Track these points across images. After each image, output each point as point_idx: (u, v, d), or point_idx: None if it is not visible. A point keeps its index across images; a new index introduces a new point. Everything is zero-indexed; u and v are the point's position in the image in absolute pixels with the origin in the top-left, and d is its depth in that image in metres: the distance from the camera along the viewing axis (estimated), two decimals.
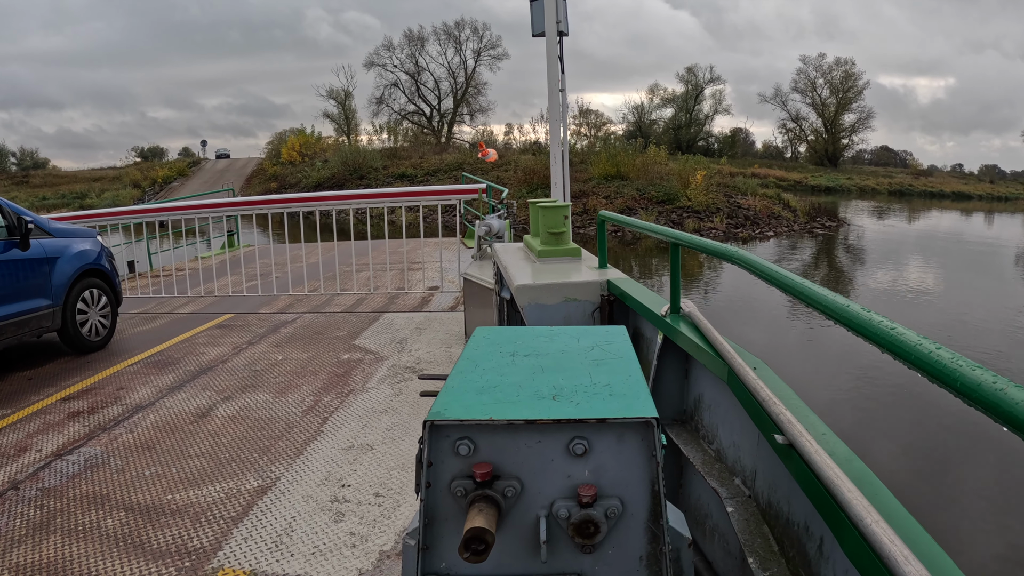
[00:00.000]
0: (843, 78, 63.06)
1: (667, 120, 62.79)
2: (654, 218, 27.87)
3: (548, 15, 7.06)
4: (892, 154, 75.39)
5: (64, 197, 47.81)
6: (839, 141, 65.29)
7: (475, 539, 1.29)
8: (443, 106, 64.34)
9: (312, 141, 54.35)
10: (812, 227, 30.04)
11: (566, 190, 7.29)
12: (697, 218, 28.49)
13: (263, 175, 51.08)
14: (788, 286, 1.78)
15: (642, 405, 1.45)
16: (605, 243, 4.43)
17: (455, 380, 1.64)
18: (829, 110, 64.00)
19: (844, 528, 1.41)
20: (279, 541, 3.16)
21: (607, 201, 29.77)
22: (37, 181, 55.62)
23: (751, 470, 2.22)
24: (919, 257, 24.40)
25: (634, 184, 31.57)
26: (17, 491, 3.74)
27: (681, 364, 2.96)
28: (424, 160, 44.38)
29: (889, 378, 9.32)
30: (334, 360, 6.08)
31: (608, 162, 33.55)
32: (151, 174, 54.54)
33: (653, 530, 1.43)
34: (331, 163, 44.83)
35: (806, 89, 64.86)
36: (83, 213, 11.45)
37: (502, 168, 37.64)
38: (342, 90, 63.86)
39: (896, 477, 6.69)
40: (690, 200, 29.37)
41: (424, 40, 62.68)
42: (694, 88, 61.71)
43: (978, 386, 1.02)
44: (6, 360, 6.40)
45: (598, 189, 31.43)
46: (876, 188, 53.89)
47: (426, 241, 12.31)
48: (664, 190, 30.31)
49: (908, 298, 16.45)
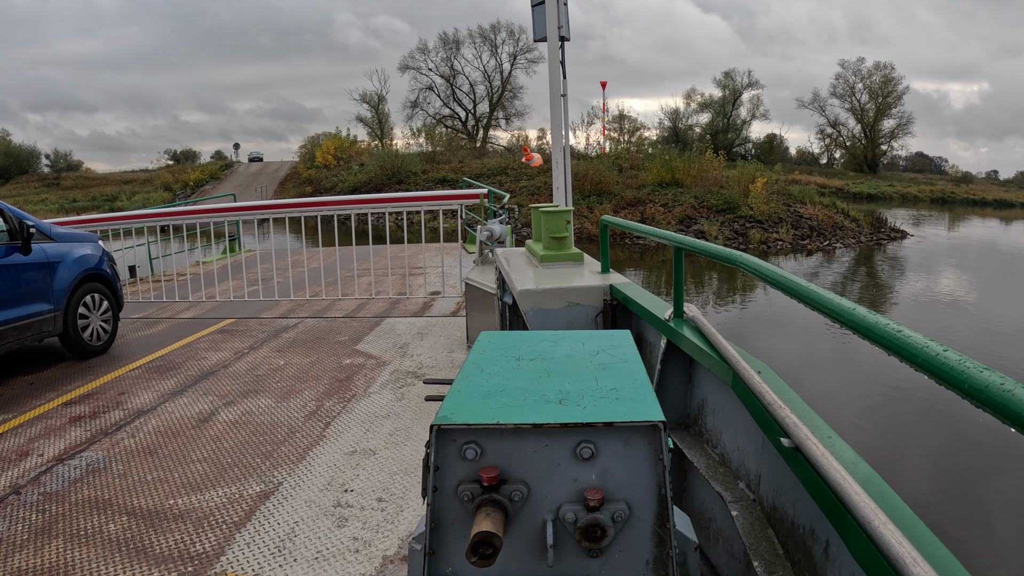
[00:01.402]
0: (882, 83, 61.54)
1: (704, 125, 61.35)
2: (717, 228, 26.56)
3: (550, 20, 7.08)
4: (927, 160, 73.54)
5: (94, 199, 47.61)
6: (878, 147, 63.74)
7: (482, 543, 1.28)
8: (478, 110, 63.20)
9: (347, 144, 53.71)
10: (878, 238, 28.17)
11: (567, 195, 7.30)
12: (761, 228, 26.88)
13: (297, 179, 50.43)
14: (794, 290, 1.78)
15: (649, 409, 1.45)
16: (608, 247, 4.44)
17: (461, 384, 1.64)
18: (868, 115, 62.49)
19: (851, 531, 1.40)
20: (282, 546, 3.15)
21: (665, 209, 28.57)
22: (68, 183, 55.40)
23: (755, 474, 2.22)
24: (1009, 269, 23.14)
25: (691, 192, 30.22)
26: (19, 495, 3.74)
27: (684, 368, 2.96)
28: (464, 164, 43.19)
29: (893, 381, 9.31)
30: (336, 365, 6.08)
31: (663, 168, 32.32)
32: (183, 177, 54.08)
33: (660, 534, 1.43)
34: (368, 167, 44.07)
35: (845, 94, 63.40)
36: (84, 218, 11.45)
37: (548, 173, 36.72)
38: (375, 94, 63.26)
39: (900, 478, 6.64)
40: (752, 209, 27.82)
41: (459, 43, 61.69)
42: (732, 93, 60.41)
43: (986, 387, 1.02)
44: (7, 365, 6.40)
45: (654, 197, 30.19)
46: (918, 195, 52.11)
47: (427, 246, 12.32)
48: (724, 198, 28.87)
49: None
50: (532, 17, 7.31)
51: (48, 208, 44.75)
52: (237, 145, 73.58)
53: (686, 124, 60.98)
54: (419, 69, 61.47)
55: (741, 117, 61.47)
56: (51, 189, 53.06)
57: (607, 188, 31.77)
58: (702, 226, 26.87)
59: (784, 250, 25.25)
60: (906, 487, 6.62)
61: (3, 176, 56.31)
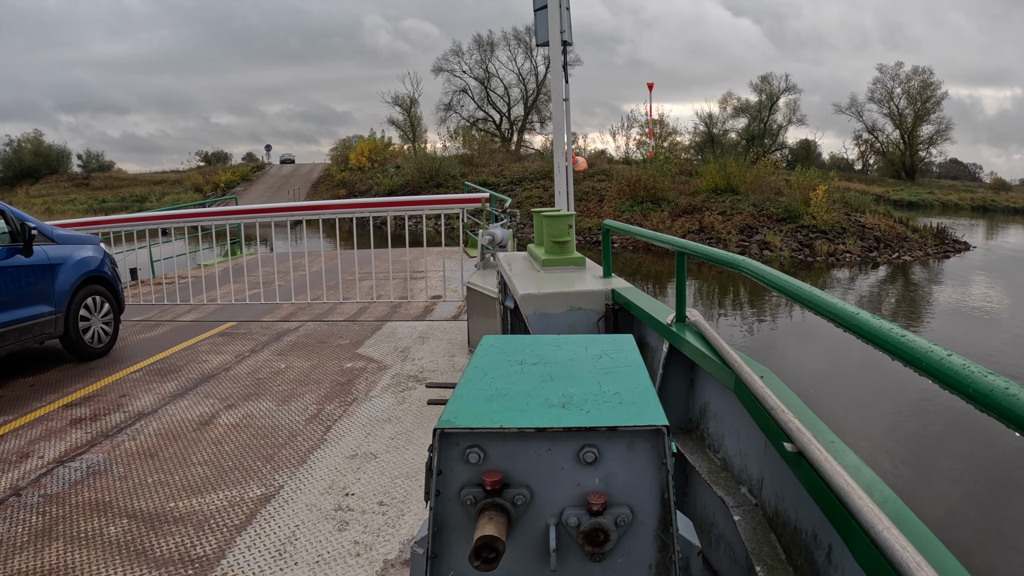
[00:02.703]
0: (920, 88, 59.72)
1: (740, 130, 59.33)
2: (780, 239, 25.03)
3: (552, 25, 7.10)
4: (962, 167, 71.68)
5: (124, 200, 47.21)
6: (916, 153, 61.84)
7: (486, 547, 1.28)
8: (513, 113, 61.84)
9: (381, 147, 52.82)
10: (944, 249, 26.23)
11: (570, 199, 7.30)
12: (826, 239, 25.08)
13: (330, 181, 49.54)
14: (797, 295, 1.78)
15: (652, 413, 1.45)
16: (610, 252, 4.44)
17: (464, 388, 1.64)
18: (906, 121, 60.73)
19: (855, 535, 1.40)
20: (283, 549, 3.15)
21: (723, 218, 27.09)
22: (98, 183, 55.02)
23: (758, 478, 2.21)
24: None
25: (748, 199, 28.52)
26: (19, 497, 3.73)
27: (686, 373, 2.96)
28: (504, 168, 41.95)
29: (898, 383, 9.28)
30: (337, 369, 6.08)
31: (719, 174, 30.59)
32: (214, 178, 53.36)
33: (663, 538, 1.42)
34: (404, 170, 43.25)
35: (883, 99, 61.53)
36: (87, 220, 11.46)
37: (594, 177, 35.27)
38: (407, 96, 62.13)
39: (922, 494, 6.57)
40: (815, 219, 26.14)
41: (494, 45, 60.64)
42: (768, 97, 58.53)
43: (990, 392, 1.01)
44: (8, 366, 6.40)
45: (711, 204, 28.59)
46: (959, 203, 49.91)
47: (429, 250, 12.32)
48: (783, 207, 27.11)
49: None
50: (535, 21, 7.33)
51: (76, 208, 44.43)
52: (269, 147, 73.55)
53: (722, 129, 59.64)
54: (452, 71, 60.56)
55: (777, 122, 59.59)
56: (80, 189, 52.60)
57: (661, 194, 30.35)
58: (764, 236, 25.48)
59: (852, 263, 23.74)
60: (929, 505, 6.40)
61: (33, 176, 55.94)
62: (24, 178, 55.09)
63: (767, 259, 23.35)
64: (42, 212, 40.97)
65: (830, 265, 23.30)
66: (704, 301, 17.34)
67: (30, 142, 58.99)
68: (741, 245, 25.06)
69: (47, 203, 45.98)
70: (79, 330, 6.42)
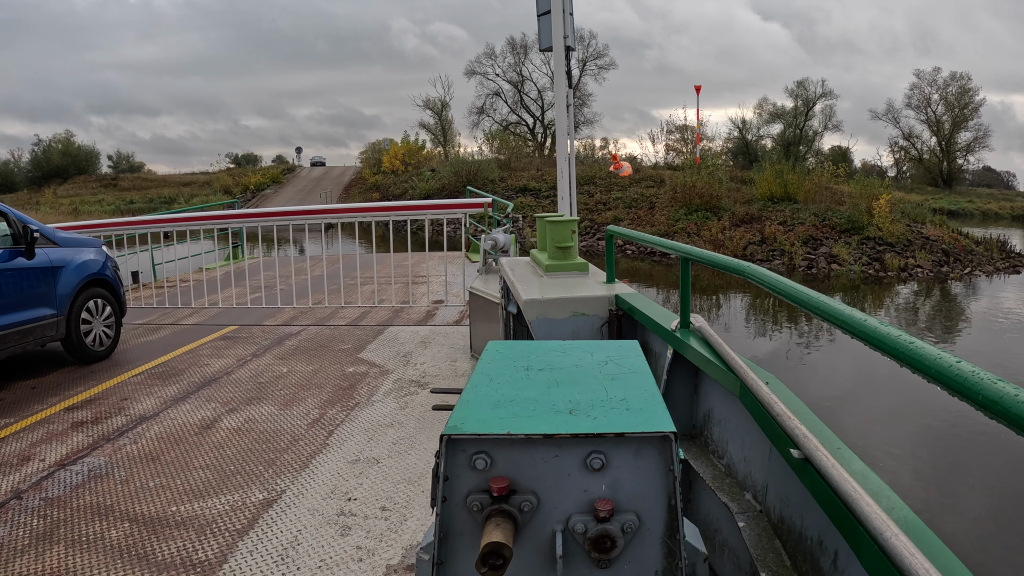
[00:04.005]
0: (958, 94, 57.78)
1: (776, 136, 57.48)
2: (848, 252, 23.41)
3: (556, 30, 7.11)
4: (995, 175, 69.31)
5: (152, 201, 46.76)
6: (954, 161, 59.86)
7: (493, 554, 1.28)
8: (546, 117, 60.06)
9: (415, 149, 51.88)
10: (1013, 264, 24.33)
11: (573, 204, 7.31)
12: (895, 253, 23.27)
13: (363, 184, 48.48)
14: (804, 301, 1.77)
15: (659, 419, 1.45)
16: (613, 257, 4.44)
17: (470, 394, 1.63)
18: (944, 128, 58.80)
19: (862, 542, 1.40)
20: (285, 554, 3.14)
21: (784, 228, 25.65)
22: (126, 184, 54.63)
23: (762, 485, 2.21)
24: None
25: (808, 208, 27.05)
26: (20, 500, 3.73)
27: (691, 379, 2.95)
28: (544, 172, 39.87)
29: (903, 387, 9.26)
30: (339, 373, 6.07)
31: (775, 181, 28.82)
32: (243, 180, 52.66)
33: (669, 545, 1.42)
34: (440, 173, 41.95)
35: (921, 105, 59.42)
36: (90, 223, 11.48)
37: (641, 184, 33.96)
38: (439, 100, 61.53)
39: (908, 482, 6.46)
40: (880, 230, 24.46)
41: (528, 48, 59.51)
42: (804, 103, 56.74)
43: (1000, 398, 1.01)
44: (9, 369, 6.39)
45: (770, 214, 27.05)
46: (999, 212, 47.97)
47: (431, 255, 12.32)
48: (846, 217, 25.56)
49: None
50: (538, 27, 7.35)
51: (104, 209, 44.17)
52: (299, 149, 73.43)
53: (756, 135, 58.08)
54: (485, 74, 59.80)
55: (813, 128, 57.57)
56: (108, 190, 52.16)
57: (716, 202, 28.65)
58: (832, 249, 23.83)
59: (925, 278, 21.82)
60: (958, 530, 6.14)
61: (61, 176, 55.70)
62: (52, 178, 54.93)
63: (836, 274, 21.98)
64: (69, 213, 40.74)
65: (902, 280, 21.53)
66: (711, 307, 17.29)
67: (60, 142, 58.78)
68: (808, 258, 23.66)
69: (74, 203, 45.73)
70: (81, 333, 6.42)
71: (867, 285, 20.80)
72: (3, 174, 56.38)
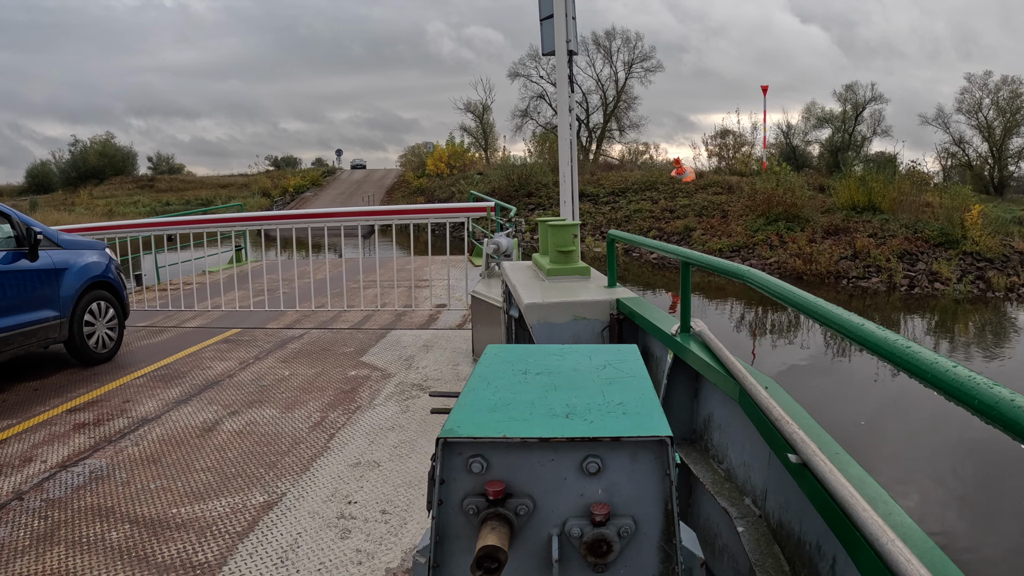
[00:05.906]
0: (1010, 98, 54.03)
1: (823, 141, 54.45)
2: (950, 269, 21.15)
3: (558, 35, 7.13)
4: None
5: (188, 203, 45.98)
6: (1006, 168, 56.06)
7: (488, 557, 1.27)
8: (591, 120, 57.74)
9: (461, 151, 50.42)
10: None
11: (575, 208, 7.31)
12: (997, 270, 20.78)
13: (406, 187, 46.96)
14: (802, 305, 1.77)
15: (656, 424, 1.45)
16: (615, 261, 4.43)
17: (467, 397, 1.64)
18: (995, 133, 55.21)
19: (859, 548, 1.39)
20: (285, 557, 3.14)
21: (875, 241, 23.28)
22: (163, 185, 54.02)
23: (762, 489, 2.20)
24: None
25: (897, 219, 25.02)
26: (21, 501, 3.74)
27: (691, 383, 2.95)
28: (599, 177, 37.69)
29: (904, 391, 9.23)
30: (341, 376, 6.08)
31: (858, 189, 26.41)
32: (282, 182, 51.54)
33: (666, 549, 1.42)
34: (489, 177, 40.14)
35: (972, 110, 55.57)
36: (92, 225, 11.52)
37: (708, 190, 31.82)
38: (480, 103, 59.78)
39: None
40: (976, 244, 22.03)
41: (572, 50, 59.05)
42: (853, 108, 53.84)
43: (996, 404, 1.01)
44: (13, 370, 6.41)
45: (857, 225, 24.97)
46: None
47: (434, 259, 12.33)
48: (939, 229, 23.20)
49: None
50: (540, 31, 7.36)
51: (139, 210, 43.63)
52: (340, 151, 72.94)
53: (803, 140, 55.04)
54: (529, 77, 57.23)
55: (862, 133, 54.34)
56: (144, 191, 51.64)
57: (797, 211, 26.45)
58: (931, 265, 21.60)
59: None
60: None
61: (97, 176, 55.18)
62: (88, 179, 54.52)
63: (940, 293, 19.88)
64: (103, 213, 40.45)
65: (1010, 300, 19.19)
66: (714, 312, 17.26)
67: (98, 143, 58.40)
68: (908, 275, 21.14)
69: (109, 204, 45.29)
70: (84, 335, 6.44)
71: (972, 305, 18.65)
72: (41, 175, 56.09)
